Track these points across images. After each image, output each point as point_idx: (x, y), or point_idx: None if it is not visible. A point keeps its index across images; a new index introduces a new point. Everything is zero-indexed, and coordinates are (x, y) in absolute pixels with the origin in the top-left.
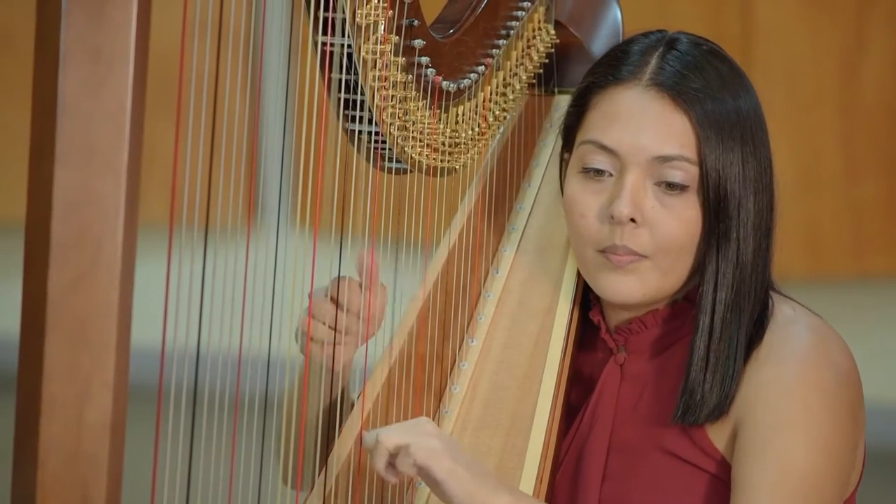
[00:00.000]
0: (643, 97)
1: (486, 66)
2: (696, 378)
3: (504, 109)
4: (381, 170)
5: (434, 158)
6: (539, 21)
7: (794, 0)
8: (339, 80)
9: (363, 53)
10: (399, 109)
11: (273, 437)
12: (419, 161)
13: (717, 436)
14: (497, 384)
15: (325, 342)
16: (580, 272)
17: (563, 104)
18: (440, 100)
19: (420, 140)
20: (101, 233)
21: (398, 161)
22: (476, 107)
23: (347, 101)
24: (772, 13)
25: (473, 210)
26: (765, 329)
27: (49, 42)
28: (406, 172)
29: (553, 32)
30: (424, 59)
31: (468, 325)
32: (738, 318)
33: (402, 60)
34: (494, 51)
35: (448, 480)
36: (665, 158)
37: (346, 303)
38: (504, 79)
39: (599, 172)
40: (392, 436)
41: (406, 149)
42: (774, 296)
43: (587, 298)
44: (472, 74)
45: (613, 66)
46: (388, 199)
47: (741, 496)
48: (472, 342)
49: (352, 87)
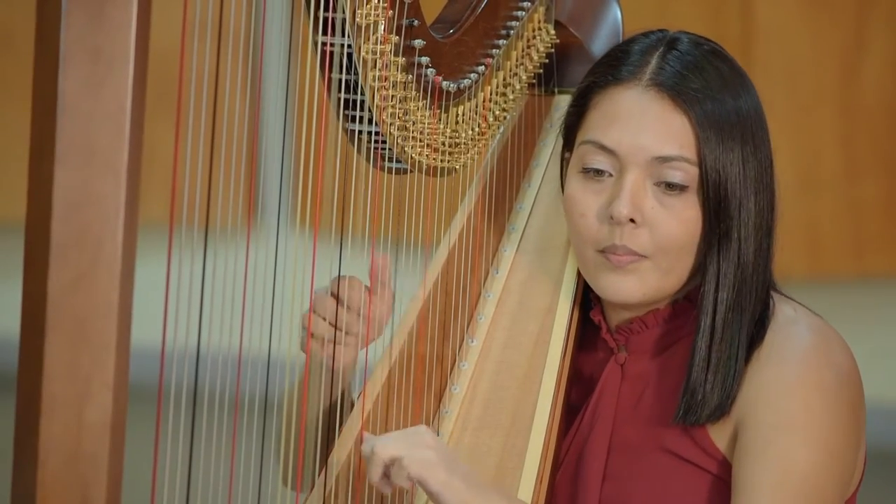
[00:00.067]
0: (643, 97)
1: (486, 66)
2: (698, 378)
3: (504, 109)
4: (381, 170)
5: (434, 158)
6: (539, 21)
7: (794, 0)
8: (339, 80)
9: (363, 53)
10: (399, 109)
11: (273, 438)
12: (419, 161)
13: (719, 436)
14: (497, 384)
15: (325, 339)
16: (580, 272)
17: (563, 104)
18: (440, 100)
19: (420, 140)
20: (101, 233)
21: (398, 161)
22: (476, 107)
23: (347, 101)
24: (772, 13)
25: (473, 210)
26: (766, 329)
27: (49, 42)
28: (406, 172)
29: (553, 32)
30: (424, 59)
31: (468, 326)
32: (740, 319)
33: (402, 60)
34: (494, 51)
35: (443, 492)
36: (664, 159)
37: (347, 300)
38: (504, 79)
39: (599, 172)
40: (387, 447)
41: (406, 149)
42: (775, 296)
43: (588, 298)
44: (472, 74)
45: (613, 66)
46: (388, 200)
47: (742, 497)
48: (473, 342)
49: (352, 87)
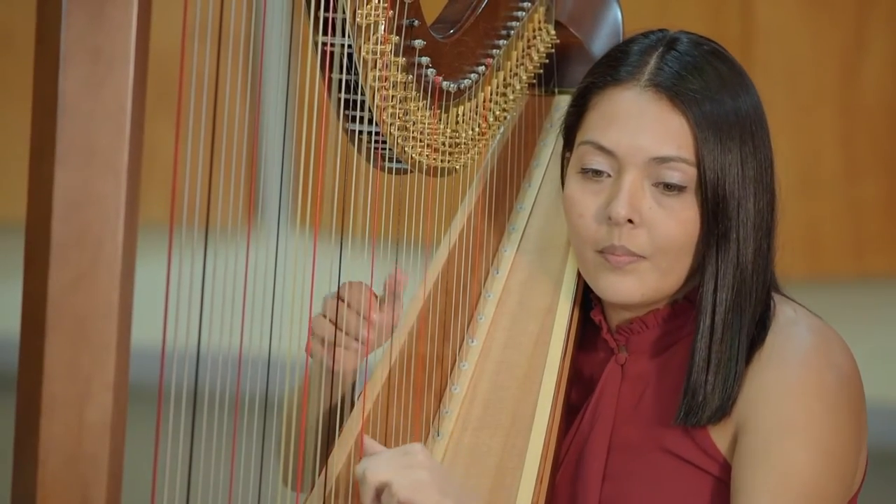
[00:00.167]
0: (641, 98)
1: (487, 67)
2: (698, 379)
3: (504, 109)
4: (382, 170)
5: (434, 158)
6: (539, 21)
7: (794, 0)
8: (340, 81)
9: (363, 53)
10: (399, 109)
11: (273, 438)
12: (419, 161)
13: (720, 437)
14: (497, 384)
15: (327, 341)
16: (580, 272)
17: (564, 104)
18: (440, 100)
19: (420, 140)
20: (102, 233)
21: (398, 161)
22: (476, 107)
23: (348, 102)
24: (772, 13)
25: (474, 210)
26: (766, 330)
27: (49, 42)
28: (406, 173)
29: (553, 32)
30: (425, 60)
31: (468, 326)
32: (739, 319)
33: (403, 60)
34: (495, 51)
35: None
36: (662, 159)
37: (356, 306)
38: (504, 79)
39: (598, 173)
40: (378, 471)
41: (406, 149)
42: (776, 297)
43: (588, 298)
44: (473, 74)
45: (612, 67)
46: (389, 200)
47: (742, 500)
48: (473, 342)
49: (352, 88)
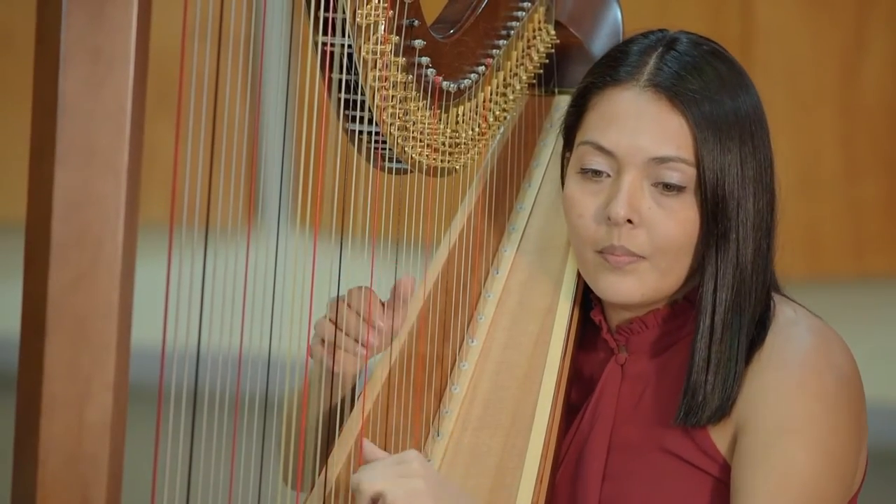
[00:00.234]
0: (640, 98)
1: (487, 67)
2: (698, 380)
3: (504, 109)
4: (382, 170)
5: (434, 158)
6: (539, 21)
7: (794, 0)
8: (340, 81)
9: (363, 53)
10: (399, 109)
11: (273, 438)
12: (419, 161)
13: (720, 438)
14: (497, 384)
15: (327, 341)
16: (580, 272)
17: (564, 104)
18: (440, 100)
19: (420, 140)
20: (102, 233)
21: (398, 161)
22: (476, 107)
23: (348, 102)
24: (772, 13)
25: (474, 210)
26: (766, 331)
27: (49, 42)
28: (406, 173)
29: (553, 33)
30: (425, 60)
31: (468, 326)
32: (739, 319)
33: (403, 60)
34: (494, 51)
35: None
36: (662, 159)
37: (357, 307)
38: (504, 79)
39: (597, 173)
40: (373, 482)
41: (406, 149)
42: (776, 297)
43: (588, 298)
44: (473, 75)
45: (612, 67)
46: (389, 200)
47: (742, 501)
48: (473, 342)
49: (352, 88)
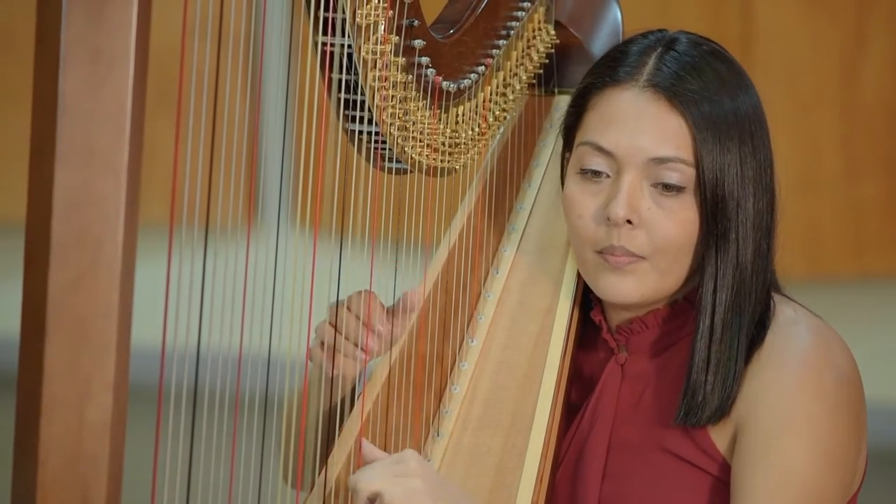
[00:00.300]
0: (639, 98)
1: (486, 67)
2: (698, 380)
3: (504, 109)
4: (381, 170)
5: (434, 158)
6: (539, 21)
7: (794, 0)
8: (339, 81)
9: (363, 53)
10: (399, 109)
11: (273, 437)
12: (419, 161)
13: (719, 437)
14: (497, 384)
15: (327, 344)
16: (580, 273)
17: (563, 104)
18: (440, 100)
19: (420, 140)
20: (102, 233)
21: (398, 161)
22: (476, 107)
23: (347, 102)
24: (772, 13)
25: (473, 210)
26: (766, 330)
27: (49, 42)
28: (406, 172)
29: (553, 33)
30: (424, 60)
31: (468, 325)
32: (739, 320)
33: (402, 60)
34: (494, 51)
35: None
36: (661, 160)
37: (358, 311)
38: (504, 79)
39: (597, 174)
40: (371, 482)
41: (406, 149)
42: (776, 297)
43: (588, 298)
44: (472, 75)
45: (611, 67)
46: (388, 199)
47: (741, 500)
48: (473, 342)
49: (352, 88)
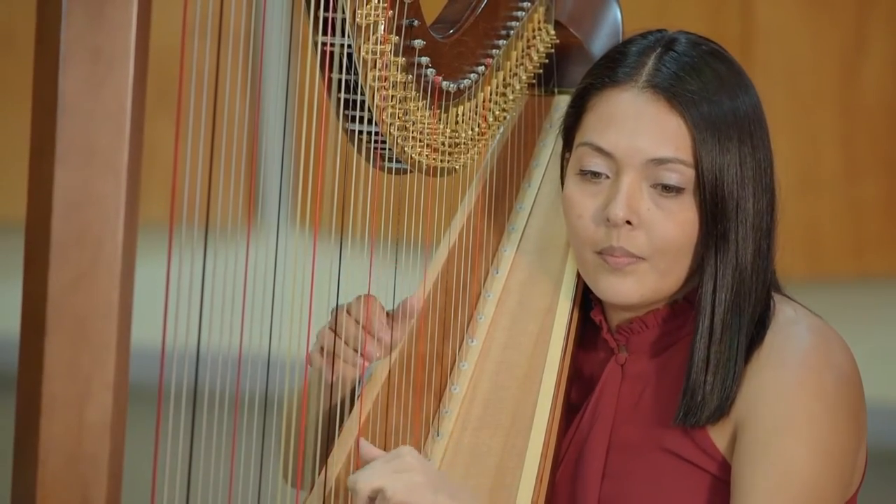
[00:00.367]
0: (638, 99)
1: (486, 67)
2: (697, 380)
3: (504, 109)
4: (381, 170)
5: (434, 158)
6: (539, 21)
7: (794, 0)
8: (339, 80)
9: (363, 53)
10: (399, 109)
11: (273, 436)
12: (419, 161)
13: (719, 436)
14: (497, 384)
15: (326, 348)
16: (580, 273)
17: (563, 104)
18: (440, 100)
19: (420, 140)
20: (102, 233)
21: (398, 161)
22: (476, 107)
23: (347, 101)
24: (772, 13)
25: (473, 210)
26: (766, 330)
27: (49, 42)
28: (406, 172)
29: (553, 32)
30: (424, 60)
31: (468, 325)
32: (738, 320)
33: (402, 60)
34: (494, 51)
35: None
36: (660, 161)
37: (358, 316)
38: (504, 79)
39: (596, 175)
40: (371, 479)
41: (406, 149)
42: (776, 296)
43: (588, 298)
44: (472, 74)
45: (610, 68)
46: (388, 199)
47: (741, 499)
48: (472, 342)
49: (352, 87)
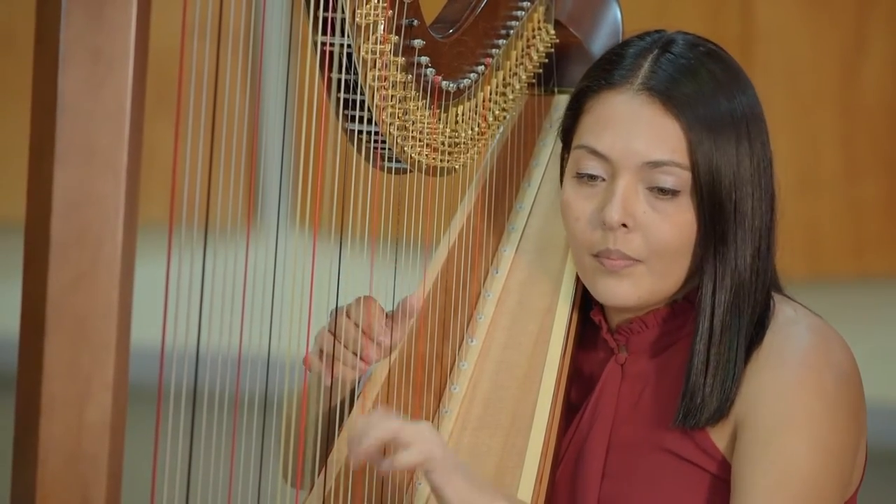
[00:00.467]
0: (634, 102)
1: (486, 66)
2: (697, 381)
3: (504, 109)
4: (381, 169)
5: (434, 158)
6: (539, 21)
7: (794, 0)
8: (339, 80)
9: (363, 53)
10: (399, 109)
11: (273, 435)
12: (419, 161)
13: (719, 436)
14: (497, 384)
15: (325, 351)
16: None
17: (563, 104)
18: (440, 100)
19: (420, 140)
20: (101, 233)
21: (398, 161)
22: (476, 106)
23: (347, 101)
24: (772, 13)
25: (473, 210)
26: (765, 330)
27: (49, 42)
28: (406, 172)
29: (553, 32)
30: (424, 59)
31: (468, 325)
32: (738, 321)
33: (402, 60)
34: (494, 50)
35: (445, 487)
36: (656, 164)
37: (357, 318)
38: (504, 78)
39: (592, 177)
40: (388, 425)
41: (406, 148)
42: (776, 296)
43: (588, 298)
44: (472, 74)
45: (607, 70)
46: (388, 199)
47: (741, 497)
48: (472, 342)
49: (351, 87)
